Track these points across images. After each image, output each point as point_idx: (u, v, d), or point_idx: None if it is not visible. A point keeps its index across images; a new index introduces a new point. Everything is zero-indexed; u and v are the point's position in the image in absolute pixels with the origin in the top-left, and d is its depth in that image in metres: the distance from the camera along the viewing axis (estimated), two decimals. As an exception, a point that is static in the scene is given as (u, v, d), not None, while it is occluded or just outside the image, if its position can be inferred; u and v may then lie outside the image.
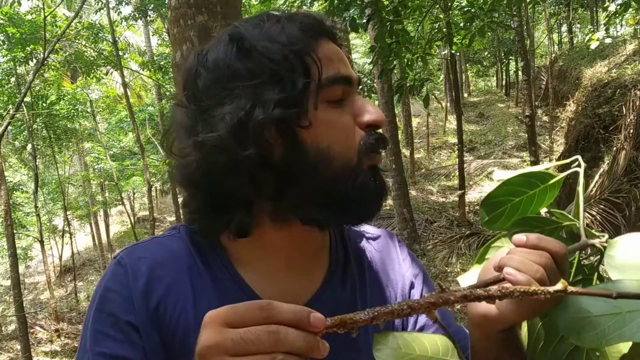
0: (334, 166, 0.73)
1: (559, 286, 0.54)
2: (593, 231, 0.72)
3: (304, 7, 13.32)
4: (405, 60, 6.63)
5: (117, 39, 11.60)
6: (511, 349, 0.73)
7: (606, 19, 10.04)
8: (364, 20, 5.96)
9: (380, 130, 0.79)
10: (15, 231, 8.51)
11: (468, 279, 0.80)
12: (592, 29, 16.88)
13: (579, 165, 0.76)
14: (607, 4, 8.59)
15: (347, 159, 0.74)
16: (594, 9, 18.21)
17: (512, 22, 8.65)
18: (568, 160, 0.81)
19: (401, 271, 0.94)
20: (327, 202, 0.75)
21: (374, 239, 0.98)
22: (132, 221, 16.57)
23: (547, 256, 0.64)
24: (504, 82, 25.59)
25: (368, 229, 1.00)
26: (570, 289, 0.53)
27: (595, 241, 0.69)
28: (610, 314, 0.55)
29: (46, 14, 8.63)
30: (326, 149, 0.73)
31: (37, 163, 12.68)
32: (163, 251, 0.82)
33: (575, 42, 19.74)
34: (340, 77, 0.76)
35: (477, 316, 0.71)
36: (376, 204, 0.80)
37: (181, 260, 0.81)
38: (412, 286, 0.93)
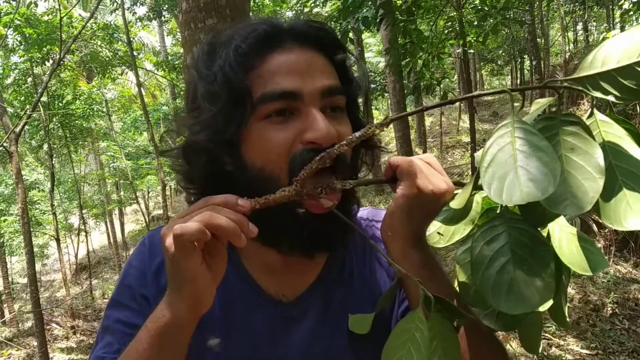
0: (267, 187, 0.73)
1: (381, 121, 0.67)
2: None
3: (316, 8, 13.34)
4: (421, 60, 6.62)
5: (131, 39, 11.69)
6: (433, 278, 0.75)
7: (621, 17, 9.93)
8: (377, 20, 5.95)
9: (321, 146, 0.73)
10: (31, 229, 8.64)
11: None
12: (607, 27, 16.71)
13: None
14: (622, 1, 8.51)
15: (279, 182, 0.75)
16: (610, 6, 18.01)
17: (525, 18, 8.59)
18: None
19: None
20: (263, 224, 0.76)
21: (375, 218, 1.01)
22: (147, 220, 16.72)
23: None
24: (518, 80, 25.39)
25: (370, 211, 1.03)
26: (390, 118, 0.66)
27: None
28: None
29: (62, 15, 8.73)
30: (260, 170, 0.76)
31: (53, 162, 12.83)
32: None
33: (591, 40, 19.54)
34: (278, 92, 0.73)
35: (384, 231, 0.77)
36: (312, 240, 0.78)
37: None
38: None
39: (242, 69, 0.75)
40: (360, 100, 0.89)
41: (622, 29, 12.42)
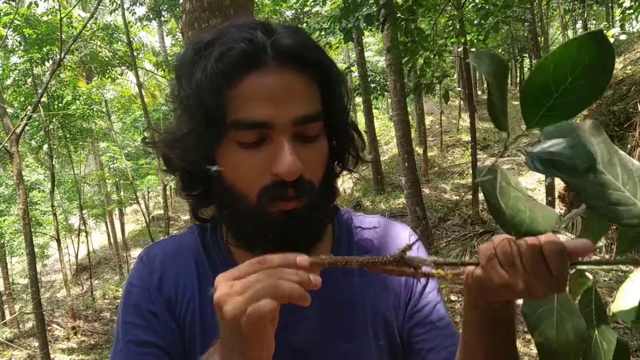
0: (237, 203, 0.78)
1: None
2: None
3: (316, 7, 13.33)
4: (423, 59, 6.62)
5: (131, 39, 11.68)
6: (502, 335, 0.72)
7: (621, 15, 9.93)
8: (379, 21, 5.95)
9: (286, 179, 0.73)
10: (32, 230, 8.63)
11: None
12: (607, 25, 16.71)
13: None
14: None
15: (248, 200, 0.76)
16: (609, 5, 18.03)
17: (525, 16, 8.58)
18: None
19: None
20: (237, 232, 0.83)
21: (384, 231, 0.99)
22: (147, 220, 16.69)
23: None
24: (518, 79, 25.41)
25: (379, 220, 1.01)
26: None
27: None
28: None
29: (62, 15, 8.71)
30: (231, 186, 0.77)
31: (53, 162, 12.82)
32: (176, 248, 0.92)
33: (590, 38, 19.50)
34: (250, 123, 0.73)
35: (470, 283, 0.67)
36: (289, 244, 0.76)
37: (190, 257, 0.90)
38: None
39: (216, 92, 0.73)
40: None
41: (622, 27, 12.42)
